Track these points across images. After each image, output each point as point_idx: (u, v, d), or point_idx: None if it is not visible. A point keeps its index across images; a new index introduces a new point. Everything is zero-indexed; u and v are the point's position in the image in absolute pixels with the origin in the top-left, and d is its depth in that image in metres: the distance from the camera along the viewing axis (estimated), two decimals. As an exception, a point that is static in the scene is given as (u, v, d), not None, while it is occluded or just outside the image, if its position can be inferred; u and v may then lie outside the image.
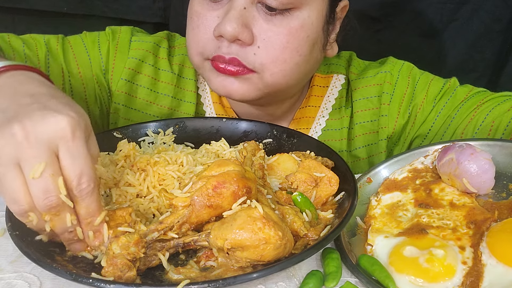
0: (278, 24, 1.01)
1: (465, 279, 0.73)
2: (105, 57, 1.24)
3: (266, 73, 1.04)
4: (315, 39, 1.07)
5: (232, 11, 0.99)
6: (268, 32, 1.01)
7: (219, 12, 1.02)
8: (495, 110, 1.14)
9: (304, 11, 1.03)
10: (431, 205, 0.86)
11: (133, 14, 1.84)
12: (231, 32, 0.98)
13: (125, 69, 1.23)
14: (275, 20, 1.01)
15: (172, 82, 1.26)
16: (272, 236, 0.69)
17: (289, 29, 1.02)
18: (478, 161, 0.86)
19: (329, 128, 1.27)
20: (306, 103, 1.27)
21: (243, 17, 1.00)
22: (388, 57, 1.31)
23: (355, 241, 0.84)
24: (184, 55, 1.28)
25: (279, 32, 1.01)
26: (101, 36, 1.25)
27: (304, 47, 1.05)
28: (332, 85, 1.28)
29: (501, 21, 1.79)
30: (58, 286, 0.72)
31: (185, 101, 1.27)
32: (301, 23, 1.02)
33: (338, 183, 0.87)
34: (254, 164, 0.88)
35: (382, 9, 1.82)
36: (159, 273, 0.72)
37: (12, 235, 0.74)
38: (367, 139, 1.26)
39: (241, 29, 0.99)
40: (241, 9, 1.00)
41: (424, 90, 1.23)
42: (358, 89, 1.26)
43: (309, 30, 1.04)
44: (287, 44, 1.02)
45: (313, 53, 1.09)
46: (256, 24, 1.01)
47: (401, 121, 1.24)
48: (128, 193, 0.86)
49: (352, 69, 1.30)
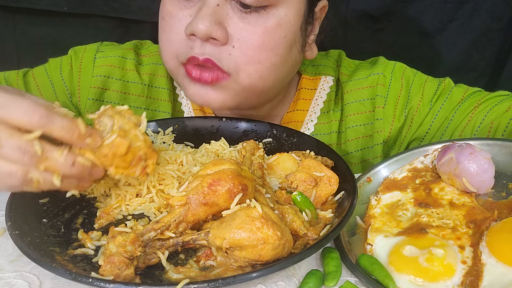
0: (254, 22, 0.97)
1: (465, 278, 0.73)
2: (67, 81, 1.21)
3: (241, 75, 0.99)
4: (293, 40, 1.03)
5: (205, 8, 0.95)
6: (243, 32, 0.97)
7: (192, 11, 0.98)
8: (493, 111, 1.13)
9: (281, 9, 0.98)
10: (430, 204, 0.86)
11: (133, 13, 1.84)
12: (203, 30, 0.94)
13: (91, 88, 1.20)
14: (250, 18, 0.97)
15: (143, 93, 1.22)
16: (270, 236, 0.69)
17: (265, 28, 0.97)
18: (478, 160, 0.86)
19: (318, 133, 1.22)
20: (294, 106, 1.23)
21: (216, 14, 0.95)
22: (379, 57, 1.27)
23: (354, 240, 0.84)
24: (155, 64, 1.24)
25: (254, 31, 0.97)
26: (63, 60, 1.23)
27: (281, 48, 1.01)
28: (320, 88, 1.24)
29: (501, 20, 1.79)
30: (58, 286, 0.72)
31: (160, 111, 1.23)
32: (277, 22, 0.98)
33: (338, 182, 0.87)
34: (253, 164, 0.88)
35: (382, 9, 1.82)
36: (159, 273, 0.72)
37: (12, 234, 0.74)
38: (360, 143, 1.23)
39: (214, 27, 0.94)
40: (214, 6, 0.95)
41: (420, 92, 1.20)
42: (350, 92, 1.22)
43: (286, 29, 1.00)
44: (263, 44, 0.98)
45: (291, 54, 1.04)
46: (231, 22, 0.96)
47: (397, 124, 1.20)
48: (128, 192, 0.86)
49: (342, 70, 1.26)
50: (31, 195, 0.86)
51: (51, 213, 0.85)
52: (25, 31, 1.90)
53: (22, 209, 0.82)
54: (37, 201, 0.86)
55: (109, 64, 1.21)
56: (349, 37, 1.84)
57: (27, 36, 1.90)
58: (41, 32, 1.90)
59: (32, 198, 0.86)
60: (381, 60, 1.26)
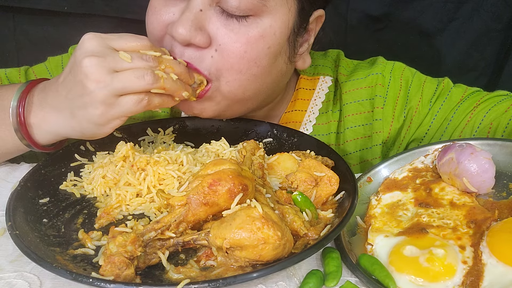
0: (236, 30, 0.95)
1: (465, 278, 0.73)
2: None
3: (222, 81, 0.98)
4: (278, 51, 1.00)
5: (187, 13, 0.93)
6: (225, 38, 0.95)
7: (176, 9, 0.97)
8: (493, 111, 1.13)
9: (266, 20, 0.96)
10: (431, 204, 0.86)
11: (134, 13, 1.84)
12: (182, 36, 0.93)
13: None
14: (233, 25, 0.95)
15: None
16: (271, 236, 0.69)
17: (247, 37, 0.95)
18: (478, 160, 0.86)
19: (316, 134, 1.22)
20: (292, 107, 1.23)
21: (197, 19, 0.93)
22: (378, 57, 1.27)
23: (355, 240, 0.84)
24: None
25: (236, 39, 0.95)
26: (64, 58, 1.24)
27: (264, 59, 0.98)
28: (318, 88, 1.23)
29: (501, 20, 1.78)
30: (58, 286, 0.72)
31: (159, 111, 1.22)
32: (261, 33, 0.96)
33: (338, 182, 0.87)
34: (254, 164, 0.88)
35: (382, 9, 1.82)
36: (159, 273, 0.72)
37: (12, 234, 0.74)
38: (359, 144, 1.22)
39: (194, 33, 0.93)
40: (196, 11, 0.93)
41: (419, 92, 1.19)
42: (348, 92, 1.21)
43: (270, 41, 0.97)
44: (245, 54, 0.95)
45: (275, 65, 1.02)
46: (213, 26, 0.95)
47: (396, 124, 1.20)
48: (128, 192, 0.86)
49: (341, 70, 1.25)
50: (31, 195, 0.87)
51: (51, 213, 0.85)
52: (26, 31, 1.90)
53: (22, 209, 0.82)
54: (37, 201, 0.87)
55: None
56: (349, 37, 1.84)
57: (27, 36, 1.90)
58: (42, 32, 1.90)
59: (32, 198, 0.86)
60: (379, 60, 1.25)
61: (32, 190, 0.88)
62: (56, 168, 0.95)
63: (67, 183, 0.93)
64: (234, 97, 1.01)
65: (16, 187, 0.86)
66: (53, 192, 0.90)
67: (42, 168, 0.94)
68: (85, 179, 0.94)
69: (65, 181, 0.94)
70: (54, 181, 0.93)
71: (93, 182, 0.91)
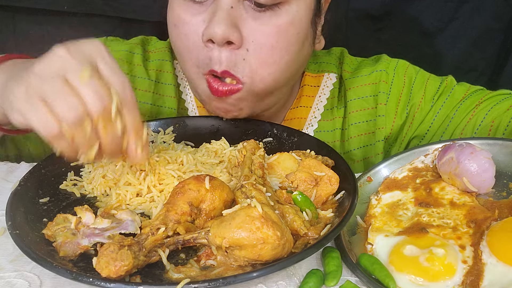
0: (267, 22, 0.96)
1: (466, 278, 0.73)
2: None
3: (255, 81, 0.99)
4: (305, 35, 1.03)
5: (219, 12, 0.93)
6: (257, 33, 0.96)
7: (205, 16, 0.96)
8: (494, 109, 1.13)
9: (293, 5, 0.97)
10: (431, 204, 0.86)
11: (134, 13, 1.84)
12: (221, 35, 0.93)
13: None
14: (264, 17, 0.96)
15: (149, 89, 1.22)
16: (270, 236, 0.68)
17: (278, 27, 0.97)
18: (478, 160, 0.86)
19: (321, 130, 1.22)
20: (297, 103, 1.23)
21: (231, 16, 0.94)
22: (382, 55, 1.27)
23: (355, 240, 0.84)
24: (161, 60, 1.24)
25: (267, 32, 0.96)
26: None
27: (295, 45, 1.00)
28: (323, 85, 1.24)
29: (502, 19, 1.79)
30: (58, 285, 0.72)
31: (166, 107, 1.23)
32: (290, 19, 0.97)
33: (338, 182, 0.87)
34: (254, 163, 0.88)
35: (382, 8, 1.82)
36: (159, 272, 0.72)
37: (12, 234, 0.74)
38: (363, 140, 1.23)
39: (230, 30, 0.93)
40: (228, 8, 0.94)
41: (422, 89, 1.20)
42: (353, 89, 1.22)
43: (298, 26, 1.00)
44: (276, 44, 0.97)
45: (303, 50, 1.04)
46: (245, 23, 0.96)
47: (399, 121, 1.20)
48: (128, 192, 0.86)
49: (345, 67, 1.26)
50: (31, 195, 0.87)
51: (51, 212, 0.85)
52: (25, 30, 1.90)
53: (23, 209, 0.82)
54: (37, 201, 0.86)
55: (117, 57, 1.20)
56: (350, 37, 1.84)
57: (27, 35, 1.90)
58: (42, 32, 1.90)
59: (32, 197, 0.86)
60: (384, 57, 1.26)
61: (32, 189, 0.88)
62: (56, 167, 0.95)
63: (67, 182, 0.93)
64: (268, 91, 1.03)
65: (16, 187, 0.86)
66: (53, 191, 0.90)
67: (42, 167, 0.93)
68: (85, 178, 0.94)
69: (65, 180, 0.93)
70: (54, 180, 0.93)
71: (93, 181, 0.91)
